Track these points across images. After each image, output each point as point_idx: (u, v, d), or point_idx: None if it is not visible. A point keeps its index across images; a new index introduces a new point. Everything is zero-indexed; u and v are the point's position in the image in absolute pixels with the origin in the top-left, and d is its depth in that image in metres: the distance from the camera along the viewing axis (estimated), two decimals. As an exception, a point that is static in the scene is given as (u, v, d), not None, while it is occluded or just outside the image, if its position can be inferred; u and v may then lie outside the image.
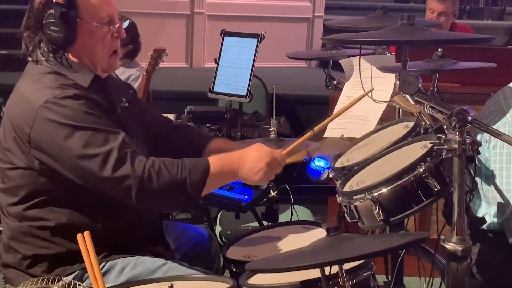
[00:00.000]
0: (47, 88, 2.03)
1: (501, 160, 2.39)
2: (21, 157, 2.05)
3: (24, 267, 2.10)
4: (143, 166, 1.97)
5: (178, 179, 1.99)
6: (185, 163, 2.03)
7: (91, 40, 2.13)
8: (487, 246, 2.53)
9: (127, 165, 1.96)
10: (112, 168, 1.95)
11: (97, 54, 2.16)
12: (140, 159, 1.99)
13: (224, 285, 1.90)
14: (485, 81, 3.51)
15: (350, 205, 1.91)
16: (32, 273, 2.08)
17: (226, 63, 3.52)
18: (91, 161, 1.96)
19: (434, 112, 2.00)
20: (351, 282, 1.78)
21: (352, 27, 2.49)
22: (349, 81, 2.57)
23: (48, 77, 2.07)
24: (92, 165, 1.96)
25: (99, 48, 2.15)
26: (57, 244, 2.08)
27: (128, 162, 1.96)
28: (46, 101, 1.99)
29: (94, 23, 2.11)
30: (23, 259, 2.10)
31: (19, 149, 2.05)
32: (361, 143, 2.31)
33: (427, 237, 1.64)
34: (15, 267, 2.13)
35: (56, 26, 2.07)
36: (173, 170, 2.00)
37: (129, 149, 1.99)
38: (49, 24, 2.07)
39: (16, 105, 2.09)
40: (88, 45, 2.14)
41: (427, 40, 1.87)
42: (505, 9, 8.87)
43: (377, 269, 1.97)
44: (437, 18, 4.75)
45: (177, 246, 2.43)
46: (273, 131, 2.78)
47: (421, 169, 1.81)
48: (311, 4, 7.42)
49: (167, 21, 6.77)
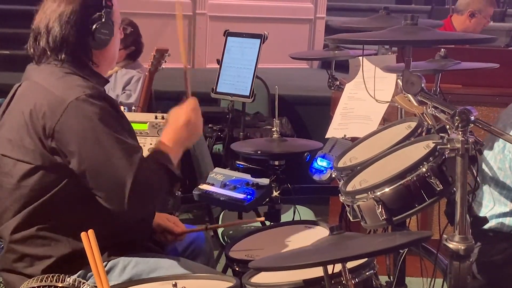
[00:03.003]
0: (77, 86, 2.01)
1: None
2: (30, 152, 2.02)
3: (26, 270, 2.08)
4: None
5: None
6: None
7: (116, 40, 2.17)
8: (487, 245, 2.53)
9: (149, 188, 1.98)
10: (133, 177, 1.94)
11: (116, 55, 2.21)
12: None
13: (227, 283, 1.90)
14: (487, 82, 3.53)
15: (353, 205, 1.92)
16: (34, 275, 2.06)
17: (229, 63, 3.53)
18: (115, 162, 1.95)
19: (437, 112, 2.01)
20: (354, 281, 1.78)
21: (356, 28, 2.50)
22: (351, 82, 2.59)
23: (74, 77, 2.06)
24: (118, 165, 1.95)
25: (117, 49, 2.20)
26: (60, 246, 2.07)
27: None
28: (78, 98, 1.97)
29: (118, 22, 2.15)
30: (25, 261, 2.09)
31: (33, 143, 2.01)
32: (364, 143, 2.32)
33: (429, 236, 1.65)
34: (15, 270, 2.11)
35: (106, 29, 2.09)
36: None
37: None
38: (100, 27, 2.08)
39: (36, 98, 2.03)
40: (114, 48, 2.18)
41: (431, 40, 1.88)
42: (506, 10, 8.88)
43: (379, 270, 1.98)
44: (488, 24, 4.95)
45: (175, 244, 2.44)
46: (276, 131, 2.78)
47: (424, 169, 1.82)
48: (313, 5, 7.43)
49: (169, 22, 6.76)
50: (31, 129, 2.02)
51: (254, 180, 2.62)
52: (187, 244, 2.49)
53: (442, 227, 2.00)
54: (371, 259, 1.89)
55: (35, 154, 2.02)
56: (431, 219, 3.56)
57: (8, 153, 2.08)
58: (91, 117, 1.96)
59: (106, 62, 2.19)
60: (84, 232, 1.72)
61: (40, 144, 2.01)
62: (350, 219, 1.99)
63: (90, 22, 2.08)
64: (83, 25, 2.08)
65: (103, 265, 1.72)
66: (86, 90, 2.00)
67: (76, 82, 2.04)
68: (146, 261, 2.12)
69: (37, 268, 2.07)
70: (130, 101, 4.31)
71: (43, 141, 2.00)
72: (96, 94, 2.00)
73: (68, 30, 2.07)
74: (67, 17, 2.07)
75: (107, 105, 2.01)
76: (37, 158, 2.02)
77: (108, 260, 2.09)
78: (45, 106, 2.00)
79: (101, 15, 2.08)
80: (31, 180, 2.03)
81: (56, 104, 1.98)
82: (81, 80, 2.06)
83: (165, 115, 2.87)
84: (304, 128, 5.40)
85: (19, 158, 2.05)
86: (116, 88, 4.42)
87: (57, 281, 1.73)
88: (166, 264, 2.12)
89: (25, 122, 2.03)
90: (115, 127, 1.99)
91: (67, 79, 2.05)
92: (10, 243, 2.10)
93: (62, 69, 2.08)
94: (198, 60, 7.04)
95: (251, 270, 1.96)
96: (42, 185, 2.03)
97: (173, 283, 1.71)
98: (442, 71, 2.25)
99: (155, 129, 2.95)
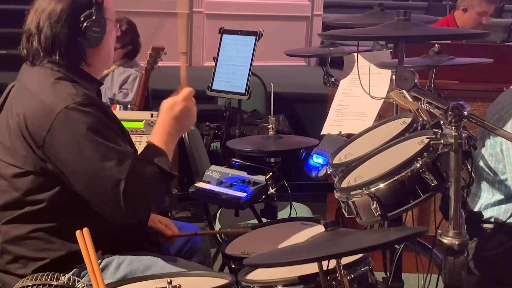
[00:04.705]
0: (68, 94, 1.99)
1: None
2: (21, 158, 2.02)
3: (20, 271, 2.07)
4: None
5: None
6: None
7: (110, 38, 2.15)
8: (484, 241, 2.54)
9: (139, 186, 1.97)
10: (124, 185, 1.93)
11: (111, 52, 2.18)
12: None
13: (222, 280, 1.90)
14: (484, 78, 3.53)
15: (348, 201, 1.92)
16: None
17: (225, 61, 3.53)
18: (106, 171, 1.94)
19: (431, 108, 2.01)
20: (348, 277, 1.79)
21: (350, 24, 2.50)
22: (346, 78, 2.59)
23: (64, 83, 2.03)
24: (109, 173, 1.94)
25: (112, 46, 2.17)
26: (54, 248, 2.06)
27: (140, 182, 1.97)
28: (67, 107, 1.96)
29: (112, 20, 2.13)
30: (20, 263, 2.08)
31: (24, 149, 2.01)
32: (359, 139, 2.32)
33: (424, 231, 1.65)
34: (9, 271, 2.10)
35: (98, 26, 2.06)
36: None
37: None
38: (91, 25, 2.05)
39: (26, 105, 2.03)
40: (108, 45, 2.15)
41: (423, 36, 1.88)
42: (503, 6, 8.88)
43: (376, 266, 1.98)
44: (487, 21, 4.85)
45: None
46: (271, 128, 2.78)
47: (418, 164, 1.81)
48: (310, 3, 7.43)
49: (166, 20, 6.77)
50: (21, 136, 2.01)
51: (250, 178, 2.62)
52: (183, 242, 2.49)
53: (438, 222, 2.01)
54: (366, 255, 1.90)
55: (26, 160, 2.02)
56: (428, 215, 3.56)
57: (0, 156, 2.08)
58: (81, 126, 1.95)
59: (101, 60, 2.17)
60: (79, 230, 1.72)
61: (31, 151, 2.01)
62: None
63: (80, 20, 2.06)
64: (74, 23, 2.06)
65: (98, 263, 1.72)
66: (76, 98, 1.98)
67: (66, 89, 2.01)
68: (140, 259, 2.12)
69: (31, 269, 2.05)
70: (127, 100, 4.31)
71: (34, 150, 2.00)
72: (86, 101, 1.98)
73: (58, 29, 2.05)
74: (57, 17, 2.05)
75: (97, 111, 1.99)
76: (29, 164, 2.02)
77: (102, 258, 2.09)
78: (36, 115, 1.99)
79: (91, 12, 2.06)
80: (23, 183, 2.03)
81: (46, 114, 1.97)
82: (72, 86, 2.03)
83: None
84: (302, 125, 5.41)
85: (10, 162, 2.05)
86: (113, 87, 4.42)
87: (52, 280, 1.73)
88: (160, 263, 2.12)
89: (17, 127, 2.02)
90: (106, 134, 1.98)
91: (57, 86, 2.02)
92: (3, 243, 2.10)
93: (54, 73, 2.06)
94: (195, 58, 7.04)
95: (246, 267, 1.96)
96: (35, 188, 2.03)
97: (167, 280, 1.71)
98: (436, 67, 2.25)
99: (151, 127, 2.94)
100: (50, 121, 1.96)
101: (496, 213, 2.55)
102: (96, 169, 1.94)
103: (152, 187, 2.01)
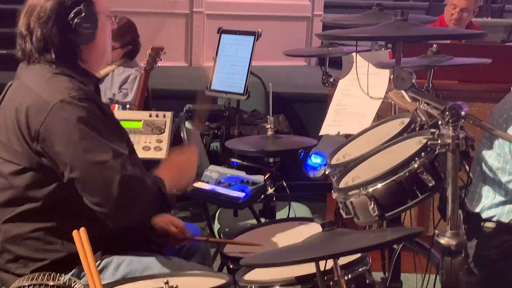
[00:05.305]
0: (64, 88, 1.99)
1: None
2: (18, 154, 2.02)
3: (19, 271, 2.06)
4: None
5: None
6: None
7: (104, 33, 2.13)
8: (485, 240, 2.53)
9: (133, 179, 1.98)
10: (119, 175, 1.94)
11: (108, 47, 2.17)
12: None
13: (220, 280, 1.90)
14: (483, 78, 3.52)
15: (346, 201, 1.91)
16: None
17: (224, 61, 3.53)
18: (99, 165, 1.94)
19: (430, 108, 2.01)
20: (346, 278, 1.79)
21: (349, 24, 2.50)
22: (344, 78, 2.58)
23: (61, 78, 2.04)
24: (101, 168, 1.94)
25: (108, 41, 2.16)
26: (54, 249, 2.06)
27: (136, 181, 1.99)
28: (63, 100, 1.96)
29: (105, 13, 2.11)
30: (20, 263, 2.08)
31: (19, 145, 2.01)
32: (358, 140, 2.32)
33: (421, 232, 1.65)
34: (8, 271, 2.10)
35: (88, 22, 2.04)
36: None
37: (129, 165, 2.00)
38: (81, 22, 2.04)
39: (24, 100, 2.02)
40: (103, 40, 2.14)
41: (420, 36, 1.87)
42: (504, 6, 8.88)
43: (374, 266, 1.97)
44: (459, 15, 4.68)
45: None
46: (270, 128, 2.78)
47: (416, 165, 1.81)
48: (310, 3, 7.42)
49: (167, 20, 6.77)
50: (17, 131, 2.01)
51: (248, 178, 2.63)
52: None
53: (437, 222, 2.00)
54: (364, 255, 1.89)
55: (23, 156, 2.02)
56: (428, 215, 3.55)
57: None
58: (75, 119, 1.95)
59: (97, 56, 2.16)
60: (76, 230, 1.71)
61: (27, 146, 2.00)
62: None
63: (70, 17, 2.05)
64: (64, 21, 2.05)
65: (95, 263, 1.71)
66: (72, 91, 1.98)
67: (62, 83, 2.02)
68: (139, 259, 2.12)
69: (31, 269, 2.05)
70: (127, 100, 4.30)
71: (30, 144, 2.00)
72: (82, 96, 1.98)
73: (49, 29, 2.04)
74: (46, 16, 2.04)
75: (93, 106, 1.99)
76: (25, 160, 2.02)
77: (102, 258, 2.09)
78: (31, 108, 1.99)
79: (80, 9, 2.05)
80: (21, 180, 2.03)
81: (41, 107, 1.97)
82: (68, 81, 2.03)
83: (160, 113, 2.88)
84: (302, 125, 5.40)
85: (7, 158, 2.05)
86: (113, 87, 4.41)
87: (49, 280, 1.73)
88: (160, 263, 2.12)
89: (12, 124, 2.03)
90: (100, 130, 1.97)
91: (54, 80, 2.03)
92: (4, 242, 2.10)
93: (50, 69, 2.06)
94: (195, 58, 7.04)
95: (244, 267, 1.96)
96: (33, 185, 2.03)
97: (164, 280, 1.71)
98: (434, 67, 2.25)
99: (150, 127, 2.94)
100: (45, 113, 1.96)
101: (500, 212, 2.54)
102: (88, 163, 1.94)
103: (143, 194, 2.01)
